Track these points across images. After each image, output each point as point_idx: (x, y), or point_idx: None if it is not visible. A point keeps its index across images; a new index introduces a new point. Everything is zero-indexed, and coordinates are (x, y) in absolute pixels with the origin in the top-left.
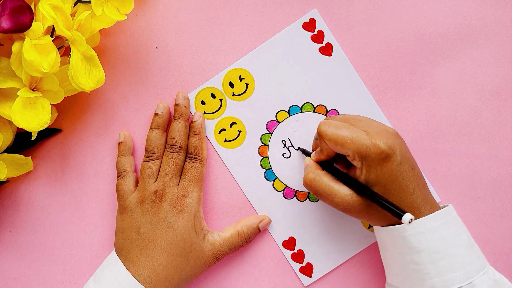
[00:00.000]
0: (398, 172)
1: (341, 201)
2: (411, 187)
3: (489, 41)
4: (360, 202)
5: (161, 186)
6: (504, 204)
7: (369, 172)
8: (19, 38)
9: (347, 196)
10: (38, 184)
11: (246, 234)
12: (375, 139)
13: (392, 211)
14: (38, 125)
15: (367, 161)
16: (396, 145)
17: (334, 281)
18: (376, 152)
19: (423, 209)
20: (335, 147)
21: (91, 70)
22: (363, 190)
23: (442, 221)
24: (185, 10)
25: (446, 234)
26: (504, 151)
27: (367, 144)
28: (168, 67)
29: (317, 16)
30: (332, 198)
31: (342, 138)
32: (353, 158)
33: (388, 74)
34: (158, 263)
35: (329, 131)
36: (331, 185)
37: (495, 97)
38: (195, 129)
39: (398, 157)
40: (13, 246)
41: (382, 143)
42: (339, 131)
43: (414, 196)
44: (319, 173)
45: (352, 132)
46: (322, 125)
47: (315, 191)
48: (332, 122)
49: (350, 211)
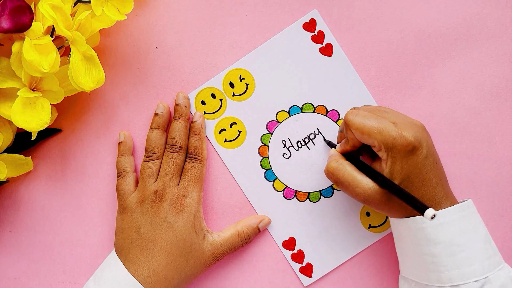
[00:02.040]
0: (423, 165)
1: (362, 192)
2: (434, 181)
3: (489, 41)
4: (381, 194)
5: (161, 186)
6: (504, 204)
7: (394, 163)
8: (19, 38)
9: (369, 188)
10: (38, 184)
11: (246, 234)
12: (402, 130)
13: (415, 206)
14: (38, 125)
15: (393, 152)
16: (422, 138)
17: (334, 281)
18: (402, 143)
19: (443, 204)
20: (361, 137)
21: (91, 70)
22: (386, 183)
23: (461, 215)
24: (185, 10)
25: (465, 227)
26: (504, 151)
27: (394, 135)
28: (168, 67)
29: (317, 16)
30: (353, 188)
31: (369, 128)
32: (379, 148)
33: (388, 74)
34: (158, 263)
35: (356, 120)
36: (353, 174)
37: (495, 97)
38: (195, 129)
39: (424, 150)
40: (13, 246)
41: (410, 135)
42: (366, 120)
43: (436, 190)
44: (342, 162)
45: (379, 123)
46: (349, 114)
47: (336, 179)
48: (360, 112)
49: (370, 202)
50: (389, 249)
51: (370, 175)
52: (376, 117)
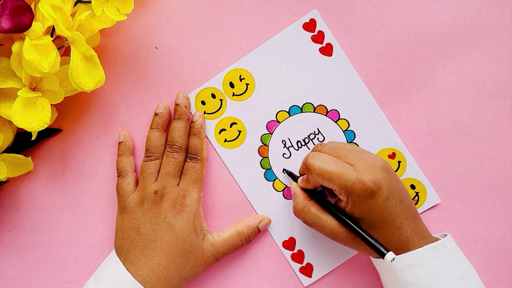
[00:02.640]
0: (384, 207)
1: (328, 231)
2: (398, 221)
3: (489, 41)
4: (346, 234)
5: (161, 186)
6: (504, 204)
7: (354, 206)
8: (19, 38)
9: (334, 227)
10: (38, 184)
11: (246, 234)
12: (361, 174)
13: (375, 248)
14: (38, 125)
15: (352, 196)
16: (383, 181)
17: (334, 281)
18: (361, 188)
19: (411, 242)
20: (321, 181)
21: (91, 70)
22: (348, 223)
23: (434, 255)
24: (185, 10)
25: (436, 267)
26: (504, 151)
27: (353, 180)
28: (168, 67)
29: (317, 16)
30: (320, 228)
31: (329, 173)
32: (339, 192)
33: (388, 74)
34: (157, 263)
35: (317, 165)
36: (318, 215)
37: (495, 97)
38: (195, 129)
39: (384, 193)
40: (13, 246)
41: (368, 179)
42: (326, 165)
43: (401, 230)
44: (307, 204)
45: (339, 167)
46: (310, 158)
47: (304, 220)
48: (320, 156)
49: (337, 240)
50: None
51: (333, 214)
52: (336, 161)
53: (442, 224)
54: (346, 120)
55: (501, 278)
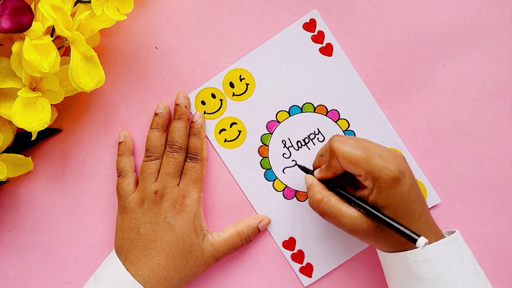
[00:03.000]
0: (407, 196)
1: (349, 223)
2: (418, 212)
3: (489, 41)
4: (368, 224)
5: (161, 186)
6: (504, 204)
7: (379, 194)
8: (19, 38)
9: (355, 218)
10: (38, 184)
11: (246, 234)
12: (387, 161)
13: (405, 234)
14: (38, 125)
15: (378, 183)
16: (406, 170)
17: (334, 281)
18: (388, 174)
19: (428, 235)
20: (347, 165)
21: (91, 70)
22: (374, 213)
23: (447, 249)
24: (185, 10)
25: (450, 262)
26: (504, 151)
27: (381, 166)
28: (168, 67)
29: (317, 16)
30: (340, 219)
31: (356, 157)
32: (365, 178)
33: (388, 74)
34: (157, 263)
35: (344, 148)
36: (339, 206)
37: (495, 97)
38: (196, 129)
39: (408, 181)
40: (13, 246)
41: (394, 167)
42: (353, 149)
43: (421, 220)
44: (327, 194)
45: (366, 152)
46: (336, 142)
47: (322, 212)
48: (347, 140)
49: (357, 233)
50: None
51: (355, 204)
52: (362, 146)
53: (443, 224)
54: (346, 120)
55: (502, 278)
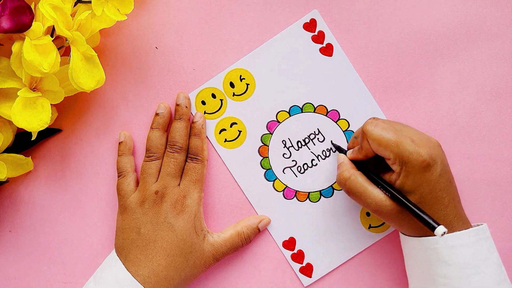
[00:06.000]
0: (436, 183)
1: (373, 203)
2: (446, 200)
3: (489, 41)
4: (392, 207)
5: (162, 187)
6: (504, 204)
7: (406, 178)
8: (19, 38)
9: (380, 199)
10: (38, 184)
11: (246, 235)
12: (419, 147)
13: (425, 221)
14: (38, 125)
15: (407, 167)
16: (438, 157)
17: (334, 281)
18: (418, 159)
19: (455, 225)
20: (377, 148)
21: (91, 70)
22: (397, 196)
23: (476, 238)
24: (185, 10)
25: (479, 250)
26: (504, 151)
27: (411, 150)
28: (168, 67)
29: (318, 16)
30: (364, 198)
31: (387, 140)
32: (393, 162)
33: (388, 74)
34: (158, 264)
35: (375, 131)
36: (365, 186)
37: (495, 97)
38: (196, 129)
39: (438, 168)
40: (13, 246)
41: (425, 152)
42: (384, 132)
43: (448, 209)
44: (355, 173)
45: (397, 136)
46: (369, 125)
47: (348, 189)
48: (379, 123)
49: (381, 213)
50: (389, 249)
51: (381, 186)
52: (394, 130)
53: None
54: (346, 120)
55: None
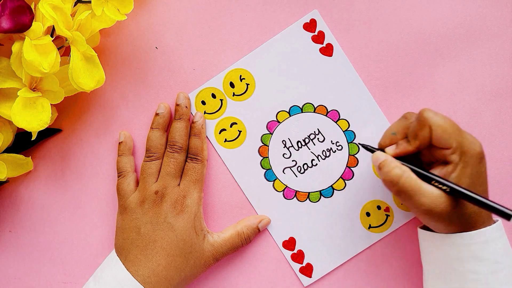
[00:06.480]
0: (485, 176)
1: (428, 201)
2: (487, 194)
3: (489, 41)
4: (446, 204)
5: (162, 187)
6: (504, 204)
7: (465, 169)
8: (19, 38)
9: (435, 197)
10: (38, 184)
11: (246, 235)
12: (474, 138)
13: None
14: (38, 125)
15: (466, 157)
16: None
17: (334, 281)
18: (476, 149)
19: (486, 220)
20: (441, 135)
21: (91, 70)
22: (459, 190)
23: (501, 233)
24: (185, 10)
25: (506, 245)
26: (504, 151)
27: (471, 140)
28: (168, 67)
29: (318, 16)
30: (418, 197)
31: (452, 127)
32: (453, 151)
33: (388, 74)
34: (158, 264)
35: (438, 118)
36: (419, 183)
37: (495, 97)
38: (196, 129)
39: (485, 161)
40: (13, 246)
41: (479, 144)
42: (447, 120)
43: None
44: (406, 169)
45: (457, 125)
46: (429, 112)
47: (399, 188)
48: (438, 112)
49: (433, 213)
50: (389, 249)
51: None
52: (451, 120)
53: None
54: (346, 120)
55: None
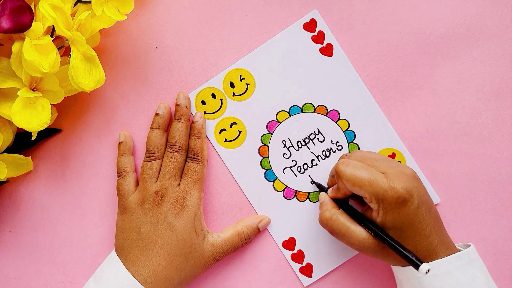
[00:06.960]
0: (415, 215)
1: (357, 242)
2: (427, 230)
3: (489, 41)
4: (376, 244)
5: (162, 186)
6: (504, 204)
7: (385, 214)
8: (19, 38)
9: (363, 238)
10: (38, 184)
11: (246, 235)
12: (393, 182)
13: (408, 259)
14: (38, 125)
15: (384, 204)
16: (413, 188)
17: (334, 281)
18: (393, 195)
19: (439, 251)
20: (352, 188)
21: (91, 70)
22: (379, 234)
23: (458, 264)
24: (185, 10)
25: (461, 278)
26: (504, 151)
27: (385, 188)
28: (168, 67)
29: (318, 16)
30: (348, 238)
31: (360, 180)
32: (370, 200)
33: (388, 74)
34: (158, 264)
35: (348, 171)
36: (347, 225)
37: (495, 97)
38: (196, 129)
39: (416, 200)
40: (13, 246)
41: (400, 187)
42: (357, 172)
43: (430, 238)
44: (336, 212)
45: (370, 174)
46: (341, 165)
47: (331, 230)
48: (351, 162)
49: (365, 251)
50: None
51: (363, 224)
52: (367, 167)
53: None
54: (346, 120)
55: (502, 279)
